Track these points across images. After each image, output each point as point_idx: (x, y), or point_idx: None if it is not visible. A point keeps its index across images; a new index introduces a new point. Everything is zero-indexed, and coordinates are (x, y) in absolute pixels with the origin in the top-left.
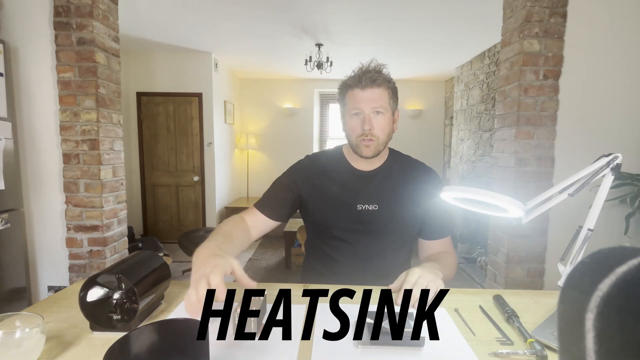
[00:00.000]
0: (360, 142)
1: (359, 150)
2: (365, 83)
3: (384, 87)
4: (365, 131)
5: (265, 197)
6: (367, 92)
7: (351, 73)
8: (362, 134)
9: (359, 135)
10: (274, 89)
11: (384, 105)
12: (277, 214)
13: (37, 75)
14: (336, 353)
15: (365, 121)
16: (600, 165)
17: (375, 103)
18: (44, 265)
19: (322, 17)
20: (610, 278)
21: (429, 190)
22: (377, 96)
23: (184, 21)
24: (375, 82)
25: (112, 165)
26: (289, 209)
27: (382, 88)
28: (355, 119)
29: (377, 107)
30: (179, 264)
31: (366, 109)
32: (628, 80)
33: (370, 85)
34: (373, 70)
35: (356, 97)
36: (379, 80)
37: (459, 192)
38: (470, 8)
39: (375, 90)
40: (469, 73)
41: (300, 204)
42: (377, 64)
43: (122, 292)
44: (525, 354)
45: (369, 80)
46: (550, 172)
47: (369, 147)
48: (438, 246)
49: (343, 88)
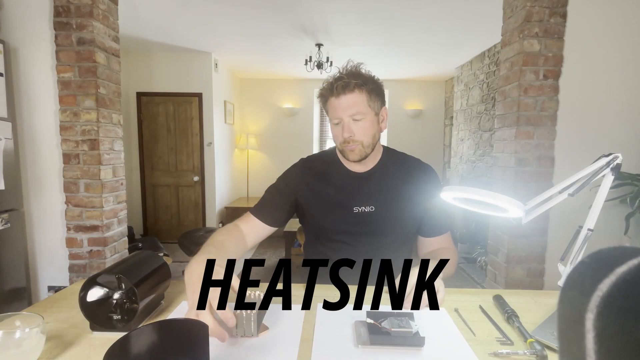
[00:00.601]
0: (345, 147)
1: (345, 155)
2: (338, 91)
3: (358, 90)
4: (347, 138)
5: (261, 203)
6: (342, 100)
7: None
8: (344, 141)
9: (342, 142)
10: (274, 89)
11: (362, 109)
12: (273, 219)
13: (37, 75)
14: (336, 353)
15: (344, 129)
16: (600, 165)
17: (351, 110)
18: (44, 265)
19: (322, 17)
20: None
21: (426, 188)
22: (352, 102)
23: (184, 21)
24: (347, 87)
25: (112, 165)
26: (285, 214)
27: (357, 92)
28: (336, 127)
29: (354, 114)
30: (179, 264)
31: (344, 117)
32: (628, 80)
33: (343, 92)
34: (346, 75)
35: (332, 105)
36: (351, 85)
37: (459, 192)
38: (470, 8)
39: (349, 96)
40: (469, 73)
41: (296, 207)
42: (352, 65)
43: (122, 292)
44: (525, 354)
45: (341, 87)
46: (550, 172)
47: (354, 152)
48: (437, 243)
49: (320, 97)
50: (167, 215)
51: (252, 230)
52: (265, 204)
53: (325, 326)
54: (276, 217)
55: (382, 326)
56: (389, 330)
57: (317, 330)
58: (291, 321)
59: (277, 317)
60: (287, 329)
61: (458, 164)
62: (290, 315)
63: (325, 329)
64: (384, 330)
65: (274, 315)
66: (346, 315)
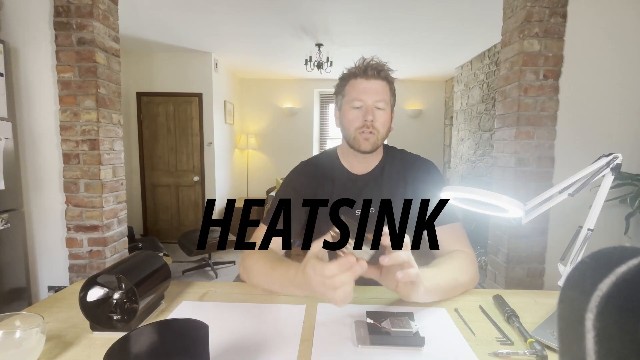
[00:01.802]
0: (360, 134)
1: (357, 143)
2: (371, 73)
3: (386, 80)
4: (368, 122)
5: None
6: (372, 83)
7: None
8: (363, 125)
9: (359, 127)
10: (274, 89)
11: (386, 99)
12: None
13: (37, 75)
14: (336, 353)
15: (368, 112)
16: (600, 165)
17: (378, 96)
18: (44, 265)
19: (322, 17)
20: (610, 278)
21: (426, 187)
22: (381, 89)
23: (184, 21)
24: (380, 73)
25: (112, 165)
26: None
27: (385, 82)
28: (355, 110)
29: (379, 101)
30: (179, 264)
31: (369, 101)
32: (628, 80)
33: (375, 76)
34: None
35: (359, 87)
36: (383, 72)
37: (459, 192)
38: (470, 8)
39: (380, 82)
40: (469, 73)
41: None
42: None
43: (122, 292)
44: (525, 354)
45: (375, 70)
46: (550, 172)
47: (368, 141)
48: (444, 235)
49: (345, 77)
50: (167, 215)
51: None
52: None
53: (325, 326)
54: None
55: (382, 326)
56: (389, 330)
57: (317, 330)
58: (291, 321)
59: (277, 317)
60: (287, 329)
61: (458, 164)
62: (290, 315)
63: (325, 329)
64: (384, 330)
65: (274, 315)
66: (346, 315)
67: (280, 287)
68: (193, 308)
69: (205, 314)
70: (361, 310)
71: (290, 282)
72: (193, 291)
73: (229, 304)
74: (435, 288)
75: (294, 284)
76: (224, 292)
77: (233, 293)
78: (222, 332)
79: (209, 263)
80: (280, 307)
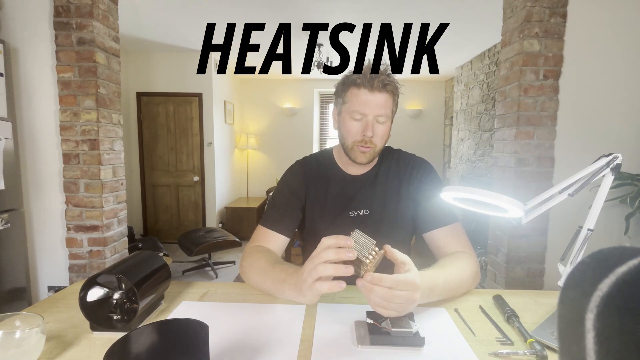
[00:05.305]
0: (357, 147)
1: (354, 155)
2: (377, 86)
3: (391, 93)
4: (366, 138)
5: (274, 215)
6: (376, 97)
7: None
8: (362, 140)
9: (357, 141)
10: (274, 89)
11: (388, 113)
12: (291, 230)
13: (37, 75)
14: (336, 353)
15: (367, 127)
16: (600, 165)
17: (380, 110)
18: (44, 265)
19: (322, 17)
20: (610, 278)
21: (423, 186)
22: (383, 102)
23: (184, 21)
24: (386, 87)
25: (112, 165)
26: (299, 221)
27: (389, 95)
28: (355, 123)
29: (381, 115)
30: (179, 264)
31: (370, 115)
32: (628, 80)
33: (380, 89)
34: (385, 73)
35: (362, 98)
36: (390, 86)
37: (459, 192)
38: (470, 8)
39: (384, 95)
40: (469, 73)
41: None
42: (386, 65)
43: (122, 292)
44: (525, 354)
45: (381, 83)
46: (550, 172)
47: (364, 155)
48: (444, 236)
49: (347, 83)
50: (167, 215)
51: (278, 248)
52: (281, 216)
53: (325, 326)
54: (293, 228)
55: (382, 326)
56: (389, 330)
57: (317, 330)
58: (291, 321)
59: (277, 317)
60: (287, 329)
61: (458, 164)
62: (290, 315)
63: (325, 329)
64: (383, 330)
65: (274, 315)
66: (346, 315)
67: (273, 285)
68: (193, 308)
69: (205, 314)
70: (361, 310)
71: (284, 280)
72: (193, 291)
73: (229, 304)
74: (443, 289)
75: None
76: (224, 292)
77: (233, 293)
78: (222, 332)
79: (209, 263)
80: (280, 307)
